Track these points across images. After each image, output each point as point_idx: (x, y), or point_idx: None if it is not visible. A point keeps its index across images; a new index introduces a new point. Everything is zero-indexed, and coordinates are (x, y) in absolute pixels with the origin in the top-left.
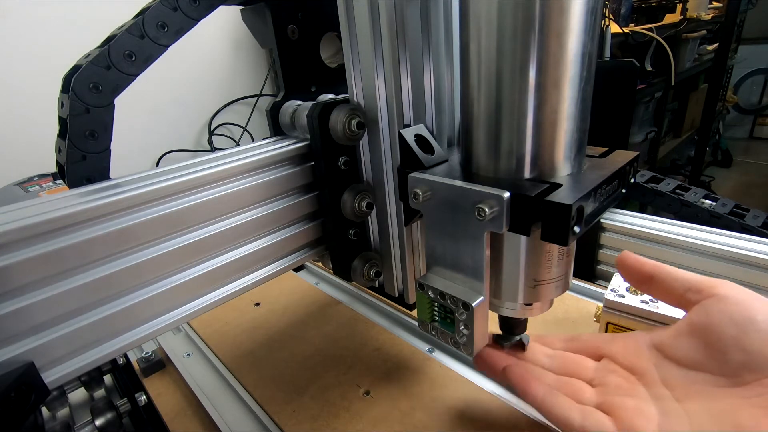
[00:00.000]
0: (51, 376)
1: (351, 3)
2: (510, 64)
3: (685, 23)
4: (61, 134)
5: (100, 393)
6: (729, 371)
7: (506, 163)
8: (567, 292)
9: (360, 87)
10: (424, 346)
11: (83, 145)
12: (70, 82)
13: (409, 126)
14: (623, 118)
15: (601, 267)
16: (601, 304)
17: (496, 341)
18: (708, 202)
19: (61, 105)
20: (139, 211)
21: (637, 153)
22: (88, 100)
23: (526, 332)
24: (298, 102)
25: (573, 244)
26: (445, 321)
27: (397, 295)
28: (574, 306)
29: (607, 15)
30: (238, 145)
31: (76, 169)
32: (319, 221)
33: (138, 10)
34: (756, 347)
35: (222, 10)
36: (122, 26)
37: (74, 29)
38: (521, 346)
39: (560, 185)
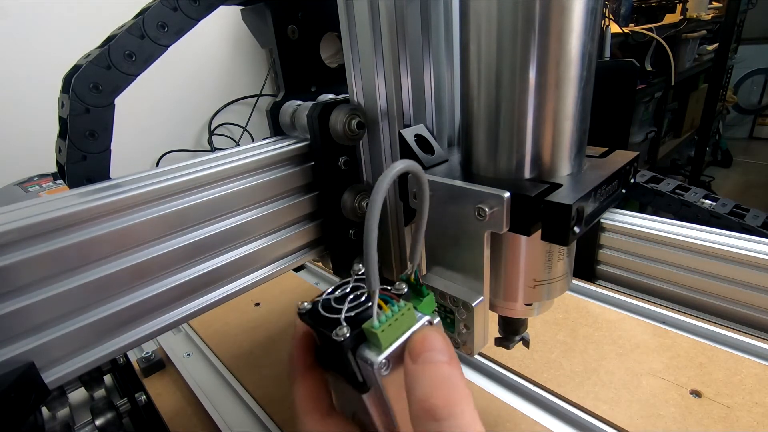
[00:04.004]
0: (51, 376)
1: (351, 3)
2: (510, 64)
3: (685, 23)
4: (61, 134)
5: (100, 393)
6: None
7: (506, 163)
8: (567, 292)
9: (360, 87)
10: None
11: (83, 145)
12: (70, 82)
13: (409, 126)
14: (623, 118)
15: (601, 267)
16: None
17: (498, 344)
18: (708, 202)
19: (61, 105)
20: (139, 211)
21: (637, 153)
22: (88, 100)
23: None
24: (298, 102)
25: (573, 244)
26: (445, 321)
27: None
28: (574, 306)
29: (607, 15)
30: (238, 145)
31: (76, 169)
32: (319, 221)
33: (138, 10)
34: None
35: (222, 10)
36: (122, 26)
37: (74, 29)
38: (525, 345)
39: (560, 185)
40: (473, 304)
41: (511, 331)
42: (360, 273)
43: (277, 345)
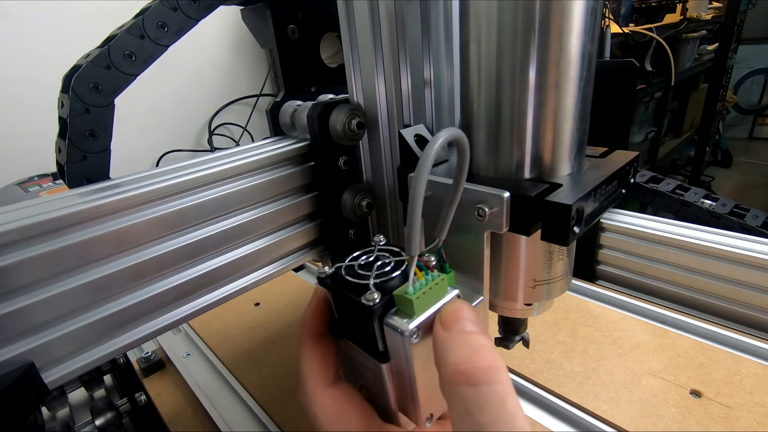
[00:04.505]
0: (51, 376)
1: (351, 3)
2: (510, 64)
3: (685, 23)
4: (61, 134)
5: (100, 393)
6: None
7: (506, 163)
8: (567, 292)
9: (360, 87)
10: None
11: (83, 145)
12: (70, 82)
13: (409, 126)
14: (623, 118)
15: (601, 267)
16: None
17: (498, 344)
18: (708, 202)
19: (61, 105)
20: (139, 211)
21: (637, 153)
22: (88, 100)
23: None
24: (298, 102)
25: (573, 244)
26: None
27: None
28: (574, 306)
29: (607, 15)
30: (238, 145)
31: (76, 169)
32: (319, 221)
33: (138, 10)
34: None
35: (222, 10)
36: (122, 26)
37: (74, 29)
38: (525, 345)
39: (560, 185)
40: (473, 304)
41: (511, 331)
42: (382, 243)
43: (277, 345)
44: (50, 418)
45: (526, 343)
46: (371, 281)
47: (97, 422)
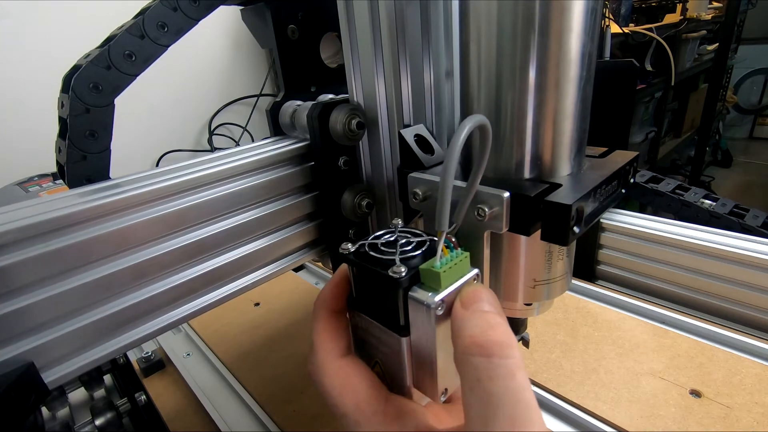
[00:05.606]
0: (51, 376)
1: (351, 3)
2: (510, 64)
3: (685, 23)
4: (61, 134)
5: (100, 393)
6: None
7: (506, 163)
8: (567, 292)
9: (360, 87)
10: None
11: (83, 145)
12: (70, 82)
13: (409, 126)
14: (623, 118)
15: (601, 267)
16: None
17: None
18: (708, 202)
19: (61, 105)
20: (139, 211)
21: (636, 153)
22: (88, 100)
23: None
24: (298, 102)
25: (573, 244)
26: None
27: None
28: (573, 306)
29: (607, 15)
30: (238, 145)
31: (76, 169)
32: (319, 221)
33: (138, 10)
34: None
35: (222, 10)
36: (122, 26)
37: (74, 29)
38: (525, 345)
39: (560, 185)
40: None
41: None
42: (401, 227)
43: (277, 345)
44: (50, 418)
45: (526, 343)
46: (397, 256)
47: (97, 422)
